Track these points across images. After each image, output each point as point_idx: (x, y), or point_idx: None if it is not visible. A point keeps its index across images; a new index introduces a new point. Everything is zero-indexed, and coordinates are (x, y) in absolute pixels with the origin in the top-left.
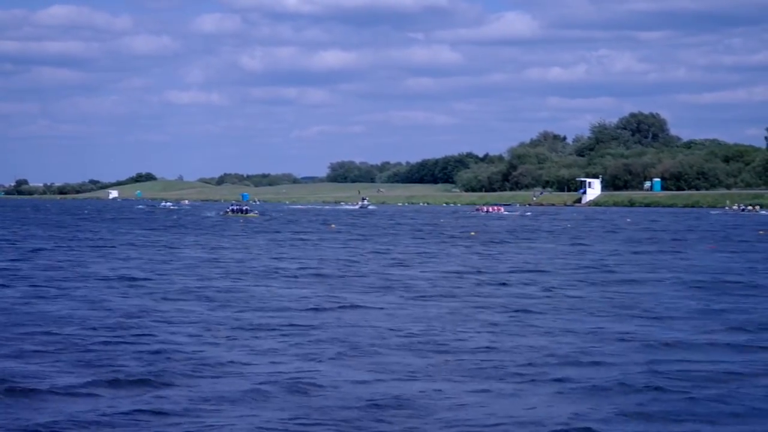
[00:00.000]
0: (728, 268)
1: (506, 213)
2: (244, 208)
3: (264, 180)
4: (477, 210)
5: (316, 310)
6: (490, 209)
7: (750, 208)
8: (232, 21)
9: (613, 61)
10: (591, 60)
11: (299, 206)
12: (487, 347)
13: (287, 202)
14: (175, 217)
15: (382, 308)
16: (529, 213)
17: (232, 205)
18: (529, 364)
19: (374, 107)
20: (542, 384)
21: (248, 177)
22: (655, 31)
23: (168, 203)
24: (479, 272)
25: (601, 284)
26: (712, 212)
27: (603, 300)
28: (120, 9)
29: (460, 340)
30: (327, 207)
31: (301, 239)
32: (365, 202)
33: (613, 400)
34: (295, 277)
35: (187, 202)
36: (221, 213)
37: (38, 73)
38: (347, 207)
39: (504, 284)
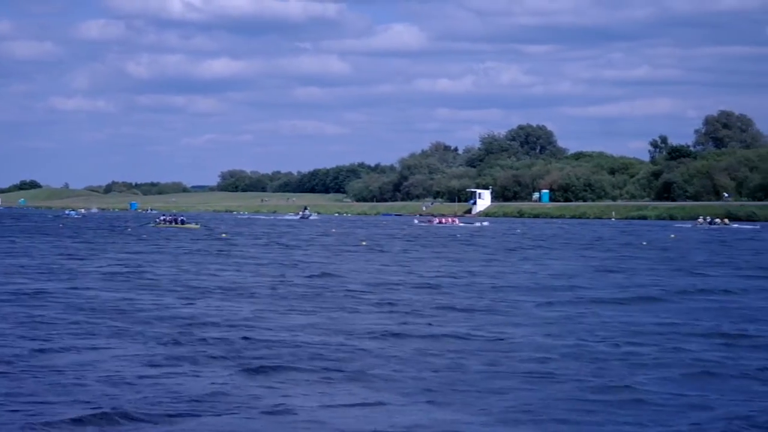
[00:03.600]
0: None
1: (462, 224)
2: (179, 218)
3: (153, 188)
4: (429, 222)
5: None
6: (443, 221)
7: (718, 221)
8: (116, 27)
9: (500, 73)
10: (478, 72)
11: (242, 216)
12: None
13: (174, 211)
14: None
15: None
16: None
17: (164, 215)
18: None
19: (263, 116)
20: None
21: (137, 185)
22: (540, 44)
23: (73, 212)
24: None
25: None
26: (675, 225)
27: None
28: None
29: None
30: (272, 217)
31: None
32: (306, 212)
33: None
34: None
35: (83, 210)
36: (153, 223)
37: None
38: (288, 217)
39: None
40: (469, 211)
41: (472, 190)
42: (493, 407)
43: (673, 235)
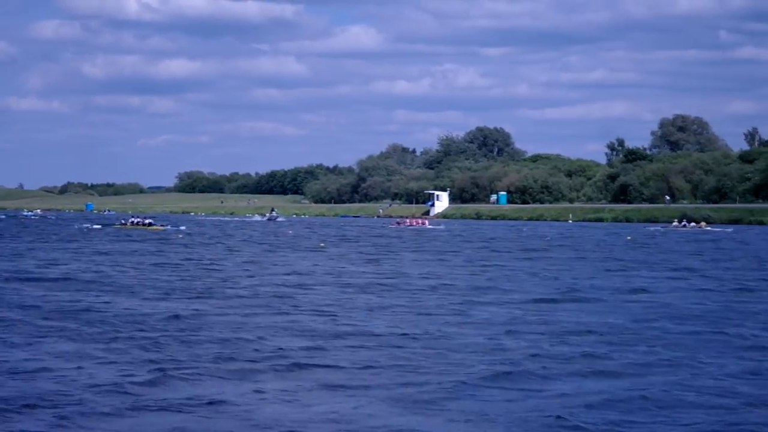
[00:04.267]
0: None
1: (431, 226)
2: (147, 220)
3: (109, 189)
4: (398, 224)
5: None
6: (413, 222)
7: (694, 224)
8: (71, 28)
9: (458, 75)
10: (436, 74)
11: (201, 217)
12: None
13: (131, 212)
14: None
15: None
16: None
17: (133, 216)
18: None
19: (221, 117)
20: None
21: (92, 186)
22: (497, 47)
23: (30, 213)
24: None
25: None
26: (649, 228)
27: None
28: None
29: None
30: (236, 219)
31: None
32: (273, 214)
33: None
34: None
35: (38, 210)
36: (119, 224)
37: None
38: (254, 219)
39: None
40: (427, 212)
41: (430, 191)
42: (400, 398)
43: (629, 237)
